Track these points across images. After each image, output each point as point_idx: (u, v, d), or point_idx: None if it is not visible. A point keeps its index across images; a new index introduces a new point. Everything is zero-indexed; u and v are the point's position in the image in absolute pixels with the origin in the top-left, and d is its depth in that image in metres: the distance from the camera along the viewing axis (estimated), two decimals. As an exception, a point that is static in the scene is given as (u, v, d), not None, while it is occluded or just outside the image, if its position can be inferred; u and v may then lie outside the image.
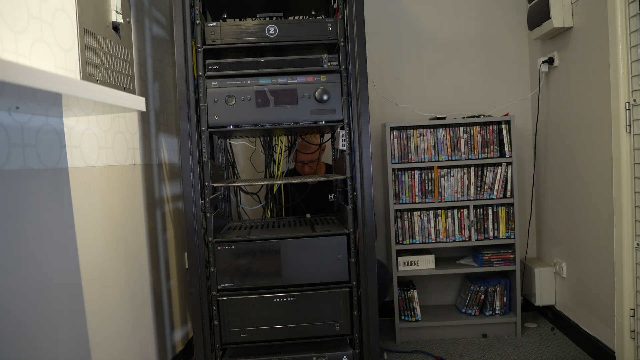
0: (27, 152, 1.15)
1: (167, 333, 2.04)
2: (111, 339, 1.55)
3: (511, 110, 2.66)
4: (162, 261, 2.03)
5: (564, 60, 2.32)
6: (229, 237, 1.74)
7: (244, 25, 1.67)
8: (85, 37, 1.31)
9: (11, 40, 1.08)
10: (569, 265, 2.37)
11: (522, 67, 2.72)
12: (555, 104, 2.44)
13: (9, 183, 1.09)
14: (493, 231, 2.43)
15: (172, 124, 2.23)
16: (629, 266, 1.81)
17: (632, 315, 1.81)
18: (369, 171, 1.65)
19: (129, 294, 1.69)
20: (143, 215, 1.85)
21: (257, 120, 1.66)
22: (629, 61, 1.76)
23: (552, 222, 2.55)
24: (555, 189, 2.49)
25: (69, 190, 1.34)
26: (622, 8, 1.77)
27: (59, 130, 1.29)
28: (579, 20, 2.16)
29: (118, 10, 1.46)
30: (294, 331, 1.70)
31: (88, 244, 1.43)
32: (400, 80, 2.74)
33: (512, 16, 2.70)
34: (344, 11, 1.69)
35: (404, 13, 2.71)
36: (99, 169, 1.52)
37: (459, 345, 2.38)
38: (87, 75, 1.30)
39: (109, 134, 1.61)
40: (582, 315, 2.26)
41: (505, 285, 2.48)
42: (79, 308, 1.37)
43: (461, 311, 2.55)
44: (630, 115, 1.77)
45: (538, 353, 2.23)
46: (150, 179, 1.95)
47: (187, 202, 1.65)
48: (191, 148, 1.64)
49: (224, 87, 1.66)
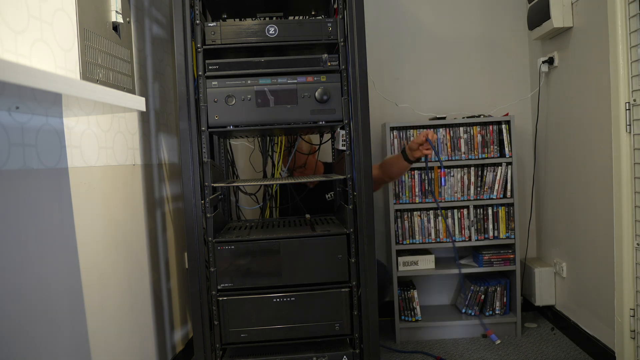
0: (27, 152, 1.15)
1: (167, 333, 2.04)
2: (111, 339, 1.55)
3: (511, 110, 2.66)
4: (162, 261, 2.03)
5: (564, 60, 2.32)
6: (229, 237, 1.73)
7: (244, 25, 1.67)
8: (85, 37, 1.31)
9: (11, 40, 1.08)
10: (569, 265, 2.37)
11: (522, 67, 2.72)
12: (555, 104, 2.44)
13: (9, 183, 1.09)
14: (493, 231, 2.43)
15: (172, 124, 2.23)
16: (629, 266, 1.81)
17: (632, 315, 1.81)
18: (369, 171, 1.65)
19: (129, 294, 1.69)
20: (143, 215, 1.85)
21: (257, 120, 1.66)
22: (629, 61, 1.76)
23: (552, 222, 2.55)
24: (555, 189, 2.49)
25: (69, 190, 1.34)
26: (622, 8, 1.77)
27: (59, 130, 1.29)
28: (579, 20, 2.16)
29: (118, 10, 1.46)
30: (294, 331, 1.70)
31: (88, 244, 1.43)
32: (400, 80, 2.74)
33: (512, 16, 2.70)
34: (344, 11, 1.69)
35: (404, 13, 2.71)
36: (99, 169, 1.52)
37: (459, 345, 2.38)
38: (87, 75, 1.30)
39: (109, 134, 1.61)
40: (582, 315, 2.26)
41: (505, 285, 2.48)
42: (79, 308, 1.37)
43: (461, 311, 2.55)
44: (630, 115, 1.77)
45: (538, 353, 2.23)
46: (150, 179, 1.95)
47: (187, 202, 1.65)
48: (191, 148, 1.64)
49: (224, 87, 1.66)
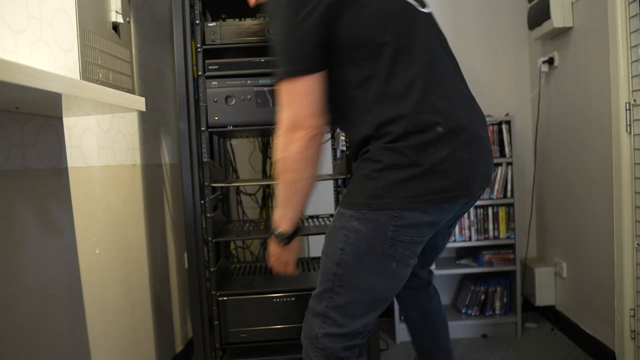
0: (27, 152, 1.15)
1: (167, 333, 2.04)
2: (111, 339, 1.55)
3: (511, 110, 2.66)
4: (162, 261, 2.03)
5: (564, 60, 2.32)
6: (228, 237, 1.74)
7: (244, 25, 1.67)
8: (85, 37, 1.31)
9: (11, 40, 1.08)
10: (569, 266, 2.37)
11: (522, 67, 2.72)
12: (555, 104, 2.44)
13: (9, 183, 1.09)
14: (493, 231, 2.43)
15: (172, 124, 2.23)
16: (629, 266, 1.81)
17: (633, 315, 1.81)
18: (369, 171, 1.65)
19: (129, 294, 1.69)
20: (143, 215, 1.85)
21: (257, 120, 1.66)
22: (629, 61, 1.76)
23: (552, 222, 2.55)
24: (555, 189, 2.49)
25: (69, 190, 1.34)
26: (622, 8, 1.76)
27: (59, 130, 1.29)
28: (579, 20, 2.16)
29: (118, 10, 1.46)
30: (294, 331, 1.70)
31: (88, 244, 1.43)
32: (400, 80, 2.74)
33: (512, 16, 2.70)
34: (344, 11, 1.69)
35: (404, 13, 2.71)
36: (99, 169, 1.52)
37: (459, 345, 2.37)
38: (87, 75, 1.30)
39: (109, 134, 1.61)
40: (582, 316, 2.26)
41: (505, 285, 2.48)
42: (79, 308, 1.37)
43: (461, 311, 2.55)
44: (630, 116, 1.76)
45: (538, 353, 2.23)
46: (150, 179, 1.95)
47: (187, 202, 1.65)
48: (191, 148, 1.64)
49: (223, 87, 1.66)
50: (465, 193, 1.08)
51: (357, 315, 1.10)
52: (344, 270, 1.08)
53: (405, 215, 1.04)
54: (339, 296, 1.08)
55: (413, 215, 1.05)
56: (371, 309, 1.12)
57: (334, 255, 1.09)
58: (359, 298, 1.09)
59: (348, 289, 1.08)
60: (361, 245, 1.06)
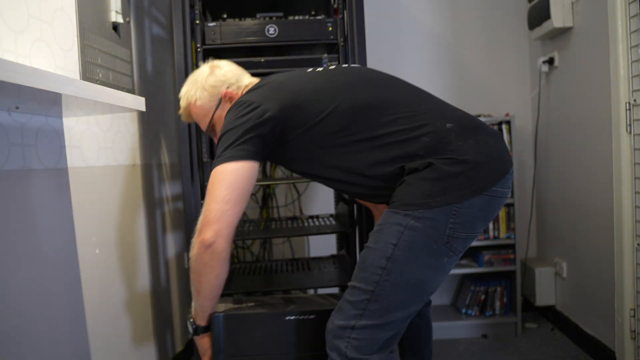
0: (27, 152, 1.15)
1: (167, 333, 2.04)
2: (111, 339, 1.55)
3: (511, 110, 2.66)
4: (162, 261, 2.03)
5: (564, 60, 2.32)
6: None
7: (244, 25, 1.67)
8: (85, 37, 1.31)
9: (11, 40, 1.08)
10: (570, 266, 2.37)
11: (522, 67, 2.72)
12: (555, 104, 2.44)
13: (9, 183, 1.09)
14: (493, 231, 2.43)
15: (172, 124, 2.23)
16: (629, 266, 1.80)
17: (633, 315, 1.81)
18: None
19: (129, 294, 1.69)
20: (143, 215, 1.85)
21: (257, 120, 1.66)
22: (629, 61, 1.76)
23: (552, 222, 2.55)
24: (555, 189, 2.49)
25: (69, 190, 1.34)
26: (622, 8, 1.76)
27: (59, 130, 1.29)
28: (579, 20, 2.16)
29: (118, 10, 1.46)
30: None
31: (88, 244, 1.43)
32: (400, 80, 2.74)
33: (512, 16, 2.70)
34: (344, 11, 1.69)
35: (404, 13, 2.71)
36: (98, 169, 1.52)
37: (459, 345, 2.37)
38: (87, 75, 1.30)
39: (109, 134, 1.61)
40: (582, 316, 2.26)
41: (505, 285, 2.48)
42: (79, 308, 1.36)
43: (461, 311, 2.55)
44: (630, 116, 1.76)
45: (538, 353, 2.23)
46: (150, 179, 1.95)
47: (187, 202, 1.65)
48: (191, 148, 1.64)
49: (224, 87, 1.65)
50: (501, 169, 1.14)
51: (398, 308, 1.12)
52: (393, 264, 1.09)
53: (462, 212, 1.09)
54: (383, 290, 1.09)
55: (469, 211, 1.10)
56: (414, 302, 1.14)
57: (384, 250, 1.10)
58: (404, 291, 1.11)
59: (395, 283, 1.10)
60: (417, 242, 1.09)
